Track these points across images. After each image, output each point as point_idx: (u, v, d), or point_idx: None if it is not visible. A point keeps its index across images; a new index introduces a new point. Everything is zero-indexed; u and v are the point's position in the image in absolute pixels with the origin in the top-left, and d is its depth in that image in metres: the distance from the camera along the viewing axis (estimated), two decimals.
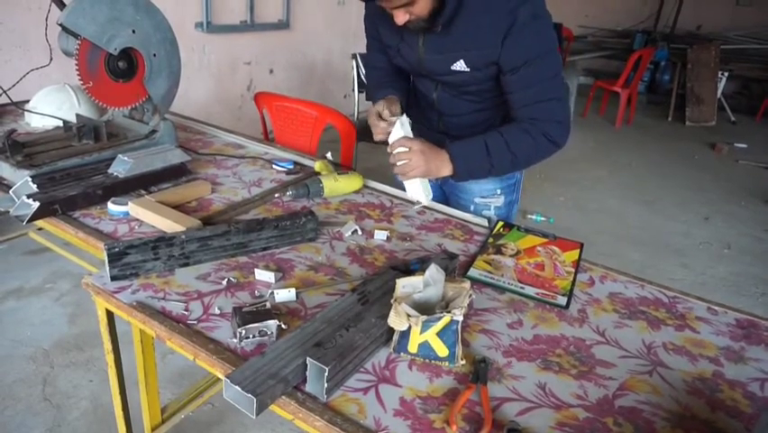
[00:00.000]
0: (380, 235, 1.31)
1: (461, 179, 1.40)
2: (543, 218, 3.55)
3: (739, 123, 6.29)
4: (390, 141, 1.35)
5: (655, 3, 7.57)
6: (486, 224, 1.43)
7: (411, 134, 1.36)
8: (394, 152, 1.33)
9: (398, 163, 1.32)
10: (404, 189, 1.48)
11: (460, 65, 1.31)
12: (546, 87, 1.29)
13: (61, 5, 1.41)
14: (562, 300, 1.12)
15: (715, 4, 7.27)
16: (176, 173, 1.52)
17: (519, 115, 1.33)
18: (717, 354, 1.00)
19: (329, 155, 1.84)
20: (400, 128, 1.35)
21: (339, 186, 1.51)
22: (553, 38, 1.28)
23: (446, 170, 1.35)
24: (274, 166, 1.67)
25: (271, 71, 4.23)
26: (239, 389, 0.77)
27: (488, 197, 1.57)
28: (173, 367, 2.05)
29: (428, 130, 1.59)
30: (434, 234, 1.36)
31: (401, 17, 1.21)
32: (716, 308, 1.15)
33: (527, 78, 1.27)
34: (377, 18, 1.42)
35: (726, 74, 6.06)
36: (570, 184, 4.22)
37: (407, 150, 1.31)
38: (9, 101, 1.78)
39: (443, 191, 1.66)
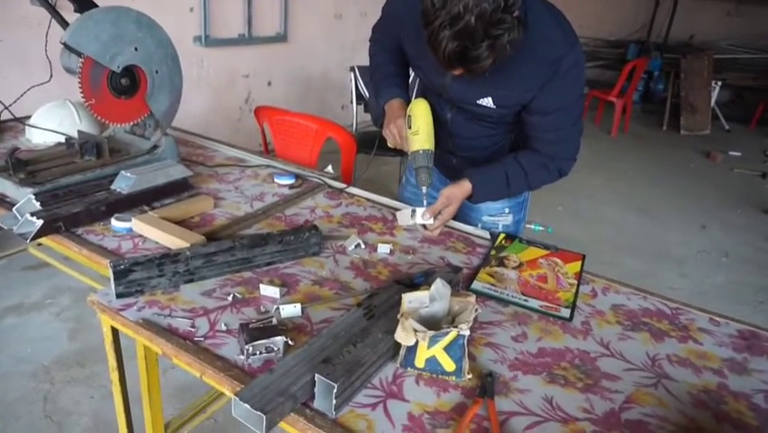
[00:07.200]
0: (384, 249, 1.32)
1: (477, 203, 1.44)
2: (542, 228, 3.54)
3: (733, 131, 6.34)
4: (402, 223, 1.35)
5: (648, 13, 7.66)
6: (487, 236, 1.44)
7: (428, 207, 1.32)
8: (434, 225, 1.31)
9: (436, 228, 1.31)
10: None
11: (487, 101, 1.28)
12: (571, 131, 1.31)
13: (64, 23, 1.42)
14: (566, 313, 1.12)
15: (707, 15, 7.35)
16: (178, 188, 1.52)
17: (539, 148, 1.33)
18: (720, 366, 1.01)
19: (330, 168, 1.85)
20: (415, 215, 1.31)
21: None
22: (583, 82, 1.28)
23: (467, 196, 1.35)
24: (276, 180, 1.68)
25: (269, 84, 4.25)
26: (248, 407, 0.77)
27: (496, 215, 1.57)
28: (175, 381, 2.03)
29: (436, 147, 1.57)
30: (436, 246, 1.37)
31: (459, 71, 1.11)
32: (718, 319, 1.15)
33: (556, 122, 1.28)
34: (403, 31, 1.35)
35: (720, 83, 6.12)
36: (567, 193, 4.24)
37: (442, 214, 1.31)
38: (11, 116, 1.79)
39: None
